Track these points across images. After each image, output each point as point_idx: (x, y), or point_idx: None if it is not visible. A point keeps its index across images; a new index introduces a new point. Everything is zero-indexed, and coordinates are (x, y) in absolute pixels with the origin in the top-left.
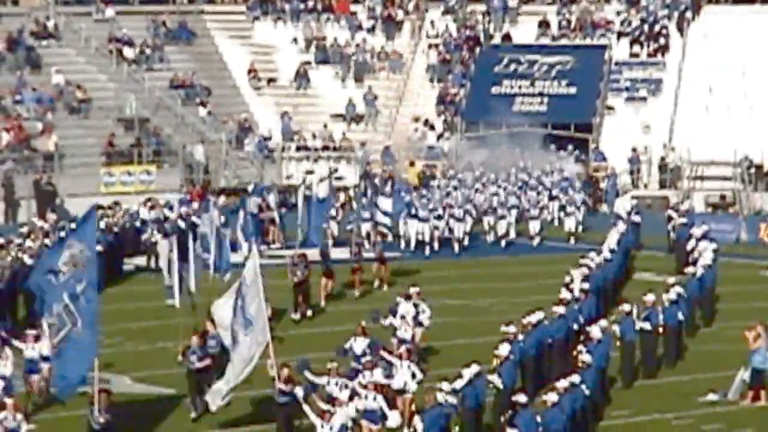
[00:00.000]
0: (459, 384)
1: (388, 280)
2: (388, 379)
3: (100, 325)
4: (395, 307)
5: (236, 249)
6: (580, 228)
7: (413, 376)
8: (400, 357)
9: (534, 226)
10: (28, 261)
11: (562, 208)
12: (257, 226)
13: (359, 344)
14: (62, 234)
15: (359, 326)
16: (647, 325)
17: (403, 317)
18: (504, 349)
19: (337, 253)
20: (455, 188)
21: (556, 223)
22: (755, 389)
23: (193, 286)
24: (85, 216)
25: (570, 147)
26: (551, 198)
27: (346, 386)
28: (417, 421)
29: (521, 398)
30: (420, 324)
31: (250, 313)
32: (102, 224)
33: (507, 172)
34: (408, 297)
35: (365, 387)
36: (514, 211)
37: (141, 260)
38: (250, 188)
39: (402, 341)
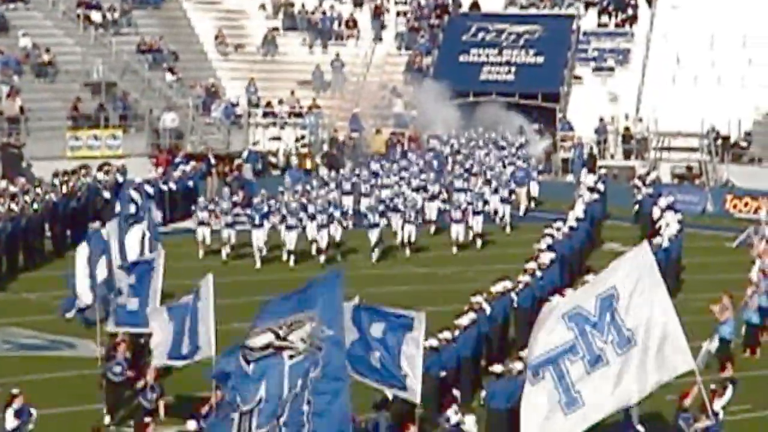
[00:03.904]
0: None
1: None
2: None
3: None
4: None
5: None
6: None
7: None
8: None
9: (457, 230)
10: None
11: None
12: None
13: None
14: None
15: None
16: None
17: None
18: (464, 319)
19: None
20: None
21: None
22: (722, 360)
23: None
24: (331, 279)
25: (532, 120)
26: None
27: None
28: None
29: (497, 369)
30: None
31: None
32: (65, 189)
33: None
34: None
35: None
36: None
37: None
38: (244, 154)
39: None
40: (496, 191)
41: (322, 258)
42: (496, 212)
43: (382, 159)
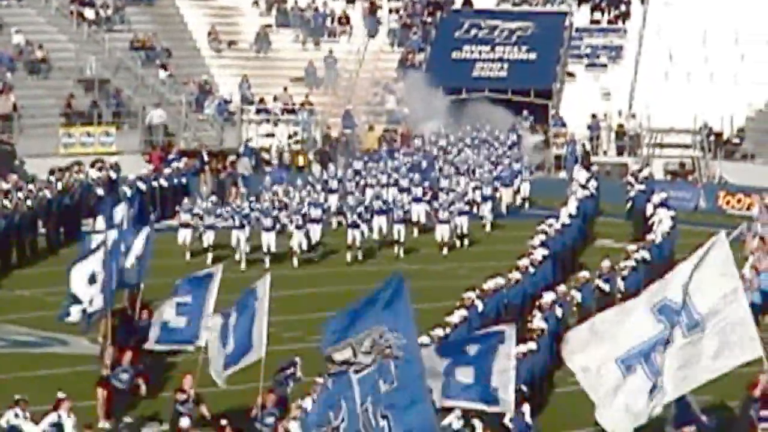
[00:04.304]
0: None
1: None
2: None
3: None
4: None
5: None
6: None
7: None
8: None
9: (442, 232)
10: None
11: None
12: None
13: None
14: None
15: None
16: (606, 286)
17: None
18: (455, 317)
19: None
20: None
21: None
22: None
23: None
24: (394, 286)
25: (525, 113)
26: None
27: None
28: None
29: None
30: None
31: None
32: (60, 185)
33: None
34: None
35: None
36: (384, 218)
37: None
38: (241, 149)
39: None
40: (478, 189)
41: (295, 260)
42: (479, 208)
43: (365, 156)
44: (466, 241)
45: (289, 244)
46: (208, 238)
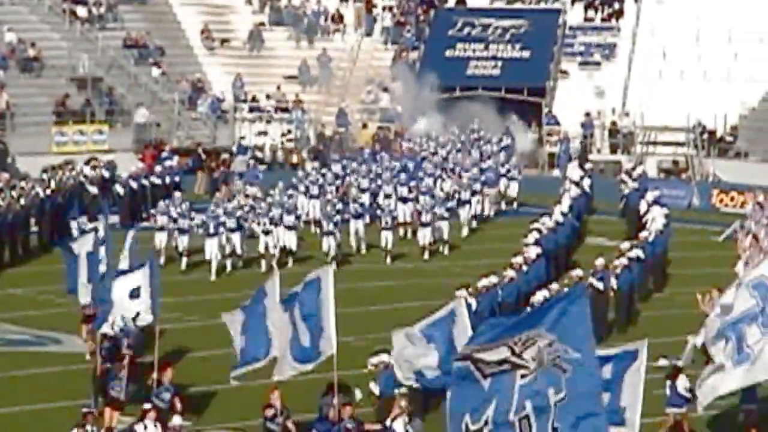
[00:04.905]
0: None
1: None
2: None
3: None
4: None
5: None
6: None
7: None
8: None
9: (424, 234)
10: None
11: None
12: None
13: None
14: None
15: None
16: (600, 284)
17: None
18: None
19: None
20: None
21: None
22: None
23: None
24: (576, 297)
25: (515, 117)
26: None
27: None
28: (372, 385)
29: None
30: None
31: None
32: (52, 184)
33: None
34: None
35: None
36: (361, 223)
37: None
38: (234, 148)
39: None
40: (457, 192)
41: (263, 265)
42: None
43: (346, 159)
44: (446, 247)
45: (257, 249)
46: (182, 242)
